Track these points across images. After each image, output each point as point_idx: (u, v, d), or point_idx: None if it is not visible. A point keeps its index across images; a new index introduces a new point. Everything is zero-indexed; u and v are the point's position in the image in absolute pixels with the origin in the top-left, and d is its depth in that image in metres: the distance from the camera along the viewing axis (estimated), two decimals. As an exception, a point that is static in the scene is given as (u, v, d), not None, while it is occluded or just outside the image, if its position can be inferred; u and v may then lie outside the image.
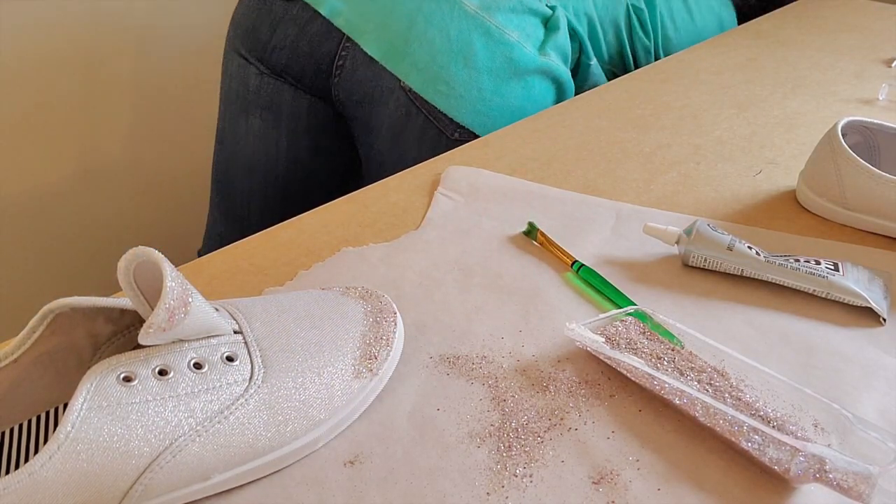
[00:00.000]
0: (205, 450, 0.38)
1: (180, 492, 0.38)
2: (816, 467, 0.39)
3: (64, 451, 0.34)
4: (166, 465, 0.37)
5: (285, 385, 0.41)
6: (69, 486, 0.34)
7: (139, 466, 0.36)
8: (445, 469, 0.41)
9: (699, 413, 0.43)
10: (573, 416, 0.45)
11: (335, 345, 0.44)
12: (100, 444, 0.35)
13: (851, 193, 0.64)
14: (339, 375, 0.43)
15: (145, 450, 0.36)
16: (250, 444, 0.39)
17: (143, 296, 0.37)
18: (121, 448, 0.35)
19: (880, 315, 0.53)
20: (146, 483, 0.36)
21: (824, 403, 0.44)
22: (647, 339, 0.50)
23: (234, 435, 0.39)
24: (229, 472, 0.39)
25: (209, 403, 0.38)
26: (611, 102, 0.91)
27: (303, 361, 0.42)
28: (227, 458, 0.39)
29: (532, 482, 0.41)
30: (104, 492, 0.35)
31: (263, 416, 0.40)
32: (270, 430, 0.40)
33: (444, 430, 0.44)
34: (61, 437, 0.34)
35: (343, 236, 0.64)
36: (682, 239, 0.59)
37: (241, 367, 0.40)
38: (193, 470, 0.38)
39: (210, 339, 0.40)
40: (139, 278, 0.37)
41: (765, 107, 0.89)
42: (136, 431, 0.36)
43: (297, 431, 0.41)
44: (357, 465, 0.42)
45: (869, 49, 1.07)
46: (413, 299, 0.55)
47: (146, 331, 0.36)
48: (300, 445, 0.41)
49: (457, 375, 0.48)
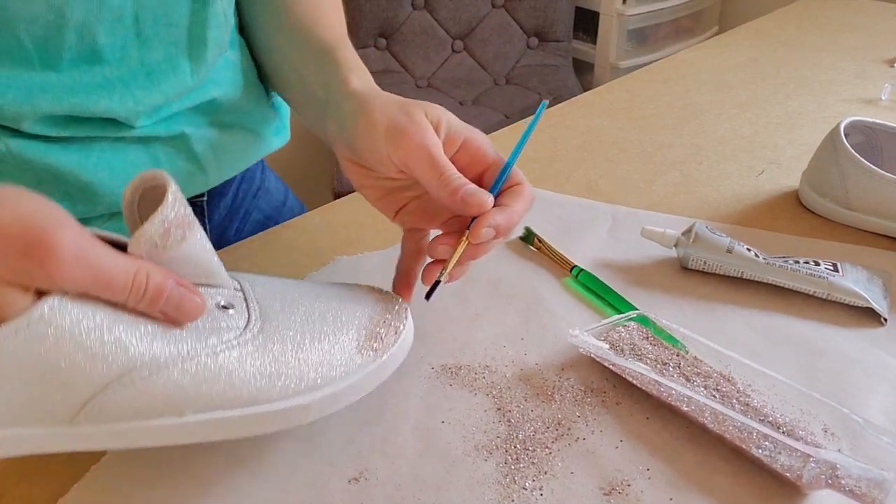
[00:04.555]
0: (185, 379, 0.35)
1: (150, 422, 0.35)
2: (829, 473, 0.39)
3: (32, 330, 0.32)
4: (139, 383, 0.34)
5: (282, 339, 0.39)
6: (26, 372, 0.32)
7: (108, 375, 0.34)
8: (453, 483, 0.41)
9: (708, 420, 0.43)
10: (580, 426, 0.44)
11: (340, 318, 0.42)
12: (72, 337, 0.33)
13: (854, 193, 0.63)
14: (340, 345, 0.41)
15: (121, 358, 0.34)
16: (236, 390, 0.37)
17: (141, 223, 0.36)
18: (94, 348, 0.33)
19: (881, 315, 0.53)
20: (112, 397, 0.34)
21: (833, 407, 0.43)
22: (652, 344, 0.49)
23: (219, 374, 0.36)
24: (207, 413, 0.36)
25: (197, 340, 0.36)
26: (612, 102, 0.91)
27: (304, 324, 0.41)
28: (207, 396, 0.36)
29: (542, 495, 0.40)
30: (64, 391, 0.33)
31: (255, 363, 0.38)
32: (260, 381, 0.37)
33: (450, 444, 0.43)
34: (35, 314, 0.32)
35: (344, 236, 0.63)
36: (680, 242, 0.58)
37: (236, 316, 0.39)
38: (168, 398, 0.35)
39: (208, 287, 0.38)
40: (144, 208, 0.36)
41: (767, 107, 0.89)
42: (114, 336, 0.34)
43: (287, 389, 0.38)
44: (362, 482, 0.41)
45: (871, 49, 1.06)
46: (411, 308, 0.54)
47: (137, 238, 0.34)
48: (289, 406, 0.38)
49: (460, 386, 0.47)
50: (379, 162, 0.46)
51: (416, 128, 0.44)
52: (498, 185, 0.46)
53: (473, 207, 0.43)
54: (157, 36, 0.53)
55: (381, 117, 0.46)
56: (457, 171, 0.44)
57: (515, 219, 0.45)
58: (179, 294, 0.36)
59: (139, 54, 0.53)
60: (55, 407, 0.34)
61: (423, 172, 0.44)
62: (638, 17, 2.03)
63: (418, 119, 0.45)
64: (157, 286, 0.35)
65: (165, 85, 0.54)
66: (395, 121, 0.45)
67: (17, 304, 0.32)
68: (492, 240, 0.45)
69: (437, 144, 0.44)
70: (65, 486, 0.41)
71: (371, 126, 0.46)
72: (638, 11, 2.01)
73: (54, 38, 0.48)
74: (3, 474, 0.41)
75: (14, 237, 0.32)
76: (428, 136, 0.44)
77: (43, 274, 0.32)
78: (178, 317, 0.36)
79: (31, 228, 0.32)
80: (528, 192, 0.47)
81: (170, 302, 0.36)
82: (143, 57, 0.53)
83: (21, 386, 0.32)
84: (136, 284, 0.35)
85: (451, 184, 0.43)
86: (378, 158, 0.46)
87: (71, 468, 0.42)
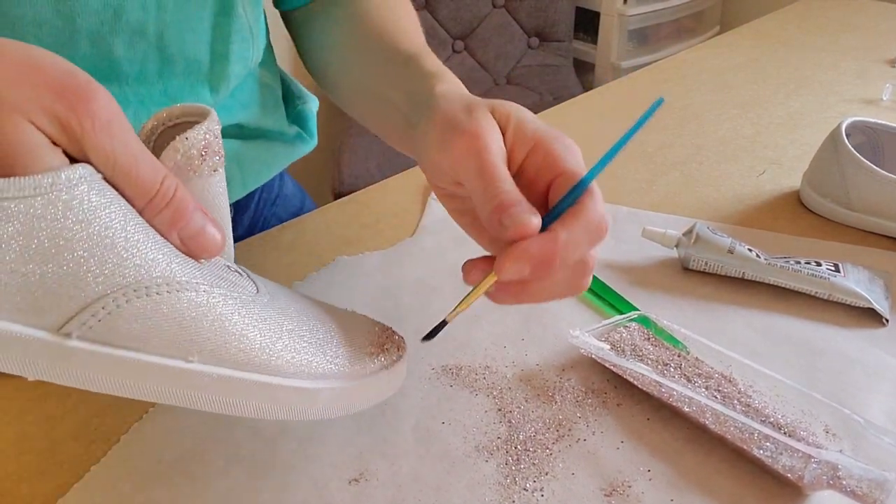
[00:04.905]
0: (199, 312, 0.31)
1: (149, 357, 0.31)
2: (830, 474, 0.39)
3: (54, 195, 0.28)
4: (154, 297, 0.30)
5: (295, 320, 0.36)
6: (30, 244, 0.28)
7: (121, 278, 0.29)
8: (453, 485, 0.41)
9: (709, 420, 0.42)
10: (581, 427, 0.44)
11: (346, 323, 0.39)
12: (95, 220, 0.29)
13: (855, 194, 0.63)
14: (351, 346, 0.38)
15: (138, 265, 0.29)
16: (247, 351, 0.33)
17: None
18: (116, 243, 0.29)
19: (882, 316, 0.53)
20: (115, 309, 0.29)
21: (834, 408, 0.43)
22: (653, 345, 0.49)
23: (234, 327, 0.33)
24: (214, 366, 0.32)
25: (214, 280, 0.33)
26: (612, 102, 0.91)
27: (314, 317, 0.38)
28: (218, 346, 0.32)
29: (543, 496, 0.40)
30: (65, 284, 0.29)
31: (267, 330, 0.34)
32: (271, 350, 0.34)
33: (450, 445, 0.43)
34: (62, 176, 0.28)
35: (345, 237, 0.63)
36: (681, 242, 0.58)
37: (246, 283, 0.35)
38: (178, 329, 0.31)
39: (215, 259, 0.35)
40: (158, 148, 0.33)
41: (768, 107, 0.89)
42: (137, 238, 0.30)
43: (299, 367, 0.34)
44: (362, 483, 0.41)
45: (872, 49, 1.06)
46: (411, 308, 0.54)
47: (175, 147, 0.31)
48: (298, 386, 0.34)
49: (460, 387, 0.47)
50: (432, 171, 0.39)
51: (471, 127, 0.36)
52: (562, 206, 0.35)
53: (509, 231, 0.33)
54: (181, 52, 0.51)
55: (442, 116, 0.38)
56: (508, 184, 0.35)
57: (559, 251, 0.33)
58: (201, 220, 0.32)
59: (158, 69, 0.51)
60: (47, 302, 0.29)
61: (470, 182, 0.35)
62: (639, 17, 2.03)
63: (478, 117, 0.36)
64: (182, 200, 0.32)
65: (184, 101, 0.52)
66: (453, 120, 0.37)
67: (43, 156, 0.28)
68: (539, 283, 0.35)
69: (488, 148, 0.35)
70: (65, 486, 0.41)
71: (430, 126, 0.38)
72: (639, 11, 2.01)
73: (66, 46, 0.46)
74: (3, 474, 0.41)
75: (51, 74, 0.28)
76: (482, 138, 0.35)
77: (75, 121, 0.28)
78: (193, 247, 0.33)
79: (71, 74, 0.29)
80: (591, 217, 0.35)
81: (191, 225, 0.32)
82: (163, 71, 0.51)
83: (19, 260, 0.28)
84: (164, 189, 0.31)
85: (494, 200, 0.34)
86: (432, 166, 0.39)
87: (71, 468, 0.42)
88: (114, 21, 0.46)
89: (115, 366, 0.30)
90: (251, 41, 0.56)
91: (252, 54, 0.57)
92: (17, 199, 0.27)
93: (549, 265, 0.34)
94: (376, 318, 0.49)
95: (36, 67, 0.29)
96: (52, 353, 0.29)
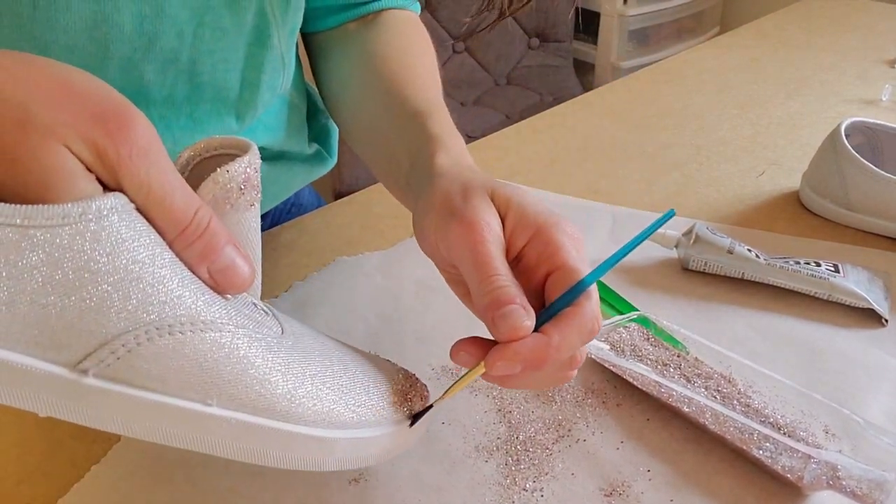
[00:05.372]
0: (222, 353, 0.30)
1: (167, 399, 0.30)
2: (830, 474, 0.39)
3: (84, 224, 0.26)
4: (176, 336, 0.29)
5: (319, 364, 0.34)
6: (55, 275, 0.26)
7: (144, 315, 0.28)
8: (453, 485, 0.41)
9: (709, 421, 0.42)
10: (581, 427, 0.44)
11: (371, 372, 0.38)
12: (125, 253, 0.27)
13: (854, 194, 0.63)
14: (377, 394, 0.36)
15: (163, 301, 0.28)
16: (268, 397, 0.31)
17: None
18: (142, 278, 0.28)
19: (882, 316, 0.53)
20: (135, 347, 0.28)
21: (833, 408, 0.43)
22: (652, 345, 0.49)
23: (257, 371, 0.31)
24: (232, 411, 0.31)
25: (240, 319, 0.31)
26: (613, 103, 0.91)
27: (338, 363, 0.36)
28: (239, 390, 0.31)
29: (543, 496, 0.40)
30: (86, 320, 0.27)
31: (291, 374, 0.33)
32: (293, 396, 0.32)
33: (451, 445, 0.43)
34: (93, 206, 0.26)
35: (345, 237, 0.63)
36: (681, 243, 0.58)
37: (272, 322, 0.34)
38: (199, 370, 0.30)
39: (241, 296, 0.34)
40: (200, 170, 0.32)
41: (768, 107, 0.89)
42: (164, 273, 0.28)
43: (319, 416, 0.33)
44: (362, 483, 0.41)
45: (872, 49, 1.06)
46: (411, 309, 0.54)
47: (214, 179, 0.31)
48: (317, 435, 0.33)
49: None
50: (430, 251, 0.38)
51: (467, 215, 0.35)
52: (558, 306, 0.34)
53: (501, 333, 0.33)
54: (212, 80, 0.50)
55: (439, 198, 0.37)
56: (503, 279, 0.34)
57: (551, 354, 0.33)
58: (232, 254, 0.31)
59: (187, 95, 0.50)
60: (66, 337, 0.27)
61: (466, 271, 0.35)
62: (639, 18, 2.03)
63: (475, 204, 0.36)
64: (215, 233, 0.31)
65: (209, 127, 0.51)
66: (450, 204, 0.36)
67: (77, 183, 0.27)
68: (526, 375, 0.34)
69: (484, 239, 0.35)
70: (65, 486, 0.41)
71: (428, 208, 0.38)
72: (639, 12, 2.02)
73: (95, 71, 0.43)
74: (3, 475, 0.41)
75: (89, 98, 0.28)
76: (478, 227, 0.35)
77: (112, 148, 0.27)
78: (222, 282, 0.31)
79: (109, 99, 0.28)
80: (585, 321, 0.34)
81: (221, 259, 0.31)
82: (191, 97, 0.50)
83: (41, 291, 0.26)
84: (197, 220, 0.30)
85: (488, 296, 0.33)
86: (429, 246, 0.38)
87: (71, 468, 0.42)
88: (147, 48, 0.46)
89: (130, 406, 0.29)
90: (282, 70, 0.55)
91: (281, 83, 0.56)
92: (43, 228, 0.26)
93: (539, 366, 0.33)
94: (375, 317, 0.49)
95: (74, 90, 0.28)
96: (66, 391, 0.28)
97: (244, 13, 0.49)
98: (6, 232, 0.26)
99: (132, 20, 0.44)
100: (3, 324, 0.26)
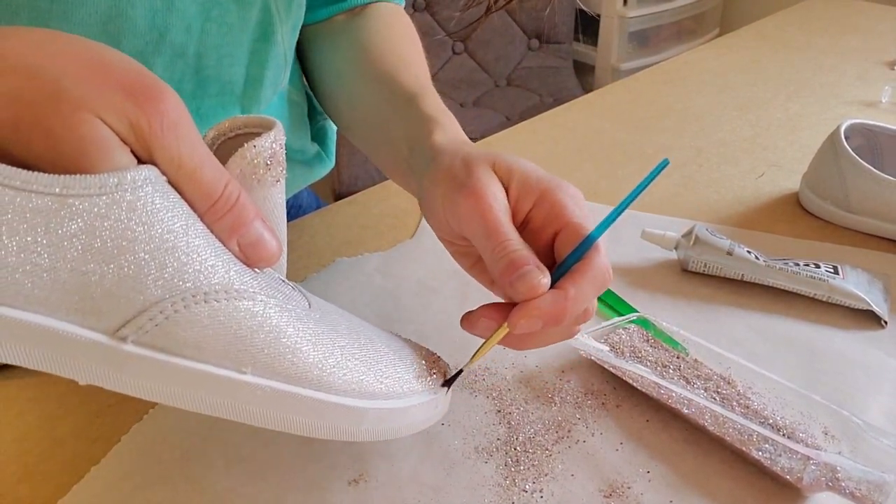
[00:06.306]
0: (256, 321, 0.31)
1: (203, 366, 0.30)
2: (829, 476, 0.39)
3: (120, 195, 0.27)
4: (213, 304, 0.30)
5: (347, 336, 0.35)
6: (92, 245, 0.27)
7: (181, 283, 0.29)
8: (453, 486, 0.41)
9: (708, 422, 0.42)
10: (580, 428, 0.44)
11: (394, 344, 0.39)
12: (159, 223, 0.28)
13: (854, 196, 0.63)
14: (403, 365, 0.37)
15: (198, 270, 0.29)
16: (300, 366, 0.32)
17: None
18: (178, 247, 0.29)
19: (881, 317, 0.53)
20: (172, 315, 0.29)
21: (833, 410, 0.43)
22: (652, 346, 0.49)
23: (288, 340, 0.32)
24: (267, 379, 0.32)
25: (270, 290, 0.32)
26: (612, 104, 0.91)
27: (364, 335, 0.37)
28: (274, 359, 0.31)
29: (542, 497, 0.40)
30: (124, 287, 0.28)
31: (321, 344, 0.33)
32: (324, 365, 0.33)
33: (450, 446, 0.43)
34: (128, 177, 0.27)
35: (344, 237, 0.63)
36: (680, 244, 0.58)
37: (298, 296, 0.35)
38: (235, 338, 0.30)
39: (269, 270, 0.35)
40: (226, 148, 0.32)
41: (767, 109, 0.89)
42: (198, 243, 0.29)
43: (350, 385, 0.34)
44: (362, 484, 0.41)
45: (872, 51, 1.06)
46: (411, 310, 0.54)
47: (242, 153, 0.31)
48: (348, 405, 0.34)
49: (460, 388, 0.47)
50: (439, 226, 0.40)
51: (474, 187, 0.37)
52: (570, 261, 0.37)
53: (520, 294, 0.35)
54: (217, 74, 0.51)
55: (443, 175, 0.39)
56: (515, 243, 0.36)
57: (569, 307, 0.35)
58: (261, 228, 0.32)
59: (193, 89, 0.51)
60: (106, 304, 0.28)
61: (477, 240, 0.37)
62: (639, 19, 2.03)
63: (479, 175, 0.37)
64: (244, 206, 0.31)
65: (215, 122, 0.52)
66: (455, 179, 0.38)
67: (112, 154, 0.28)
68: (544, 332, 0.37)
69: (492, 208, 0.37)
70: (65, 486, 0.41)
71: (433, 185, 0.39)
72: (639, 13, 2.02)
73: None
74: (3, 474, 0.42)
75: (121, 73, 0.28)
76: (485, 198, 0.37)
77: (144, 120, 0.28)
78: (251, 255, 0.32)
79: (140, 73, 0.29)
80: (597, 272, 0.36)
81: (251, 232, 0.32)
82: (197, 92, 0.51)
83: (80, 259, 0.27)
84: (226, 194, 0.31)
85: (503, 260, 0.35)
86: (438, 222, 0.40)
87: (71, 468, 0.42)
88: (157, 42, 0.47)
89: (168, 373, 0.30)
90: (284, 66, 0.56)
91: (283, 78, 0.57)
92: (81, 197, 0.27)
93: (559, 320, 0.35)
94: (375, 318, 0.49)
95: (106, 65, 0.28)
96: (106, 357, 0.29)
97: (250, 9, 0.50)
98: (45, 200, 0.26)
99: (145, 14, 0.45)
100: (45, 290, 0.27)
